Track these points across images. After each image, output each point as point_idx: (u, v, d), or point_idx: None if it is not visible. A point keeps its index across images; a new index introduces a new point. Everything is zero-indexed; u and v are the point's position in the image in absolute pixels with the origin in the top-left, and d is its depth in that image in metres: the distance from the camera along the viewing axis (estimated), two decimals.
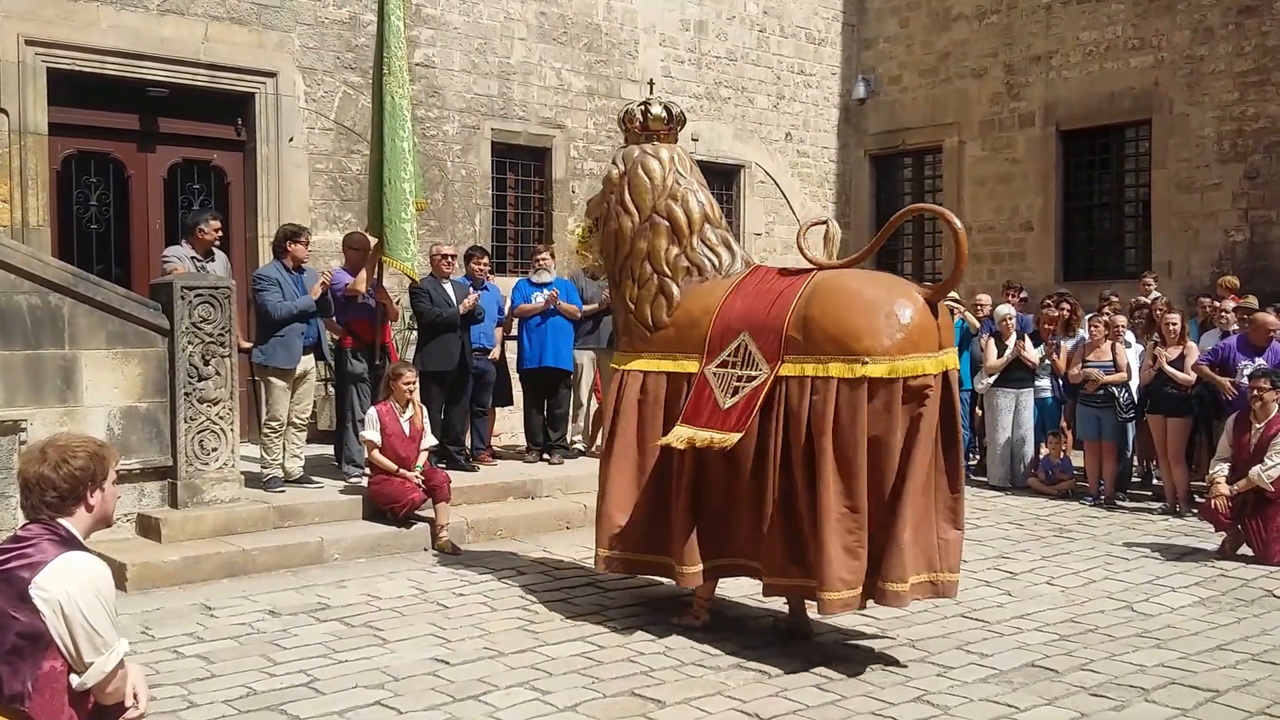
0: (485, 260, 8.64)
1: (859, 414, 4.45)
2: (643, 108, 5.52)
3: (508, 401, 9.14)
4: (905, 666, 4.65)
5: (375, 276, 7.61)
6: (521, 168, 11.71)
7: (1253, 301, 9.09)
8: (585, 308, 8.75)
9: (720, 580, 5.25)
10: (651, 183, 5.31)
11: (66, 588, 2.57)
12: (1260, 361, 7.86)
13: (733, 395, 4.78)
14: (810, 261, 5.07)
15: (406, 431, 6.93)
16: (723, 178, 13.43)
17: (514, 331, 8.87)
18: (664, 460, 5.01)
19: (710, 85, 13.03)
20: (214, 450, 6.63)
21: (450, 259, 8.21)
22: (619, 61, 12.21)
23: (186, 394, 6.55)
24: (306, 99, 9.92)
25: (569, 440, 9.00)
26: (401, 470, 6.82)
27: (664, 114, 5.46)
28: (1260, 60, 11.21)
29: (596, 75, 12.03)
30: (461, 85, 10.99)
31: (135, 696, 2.75)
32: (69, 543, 2.67)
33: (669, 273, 5.23)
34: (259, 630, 5.12)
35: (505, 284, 9.42)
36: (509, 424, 10.06)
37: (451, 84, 10.92)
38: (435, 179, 10.78)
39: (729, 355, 4.87)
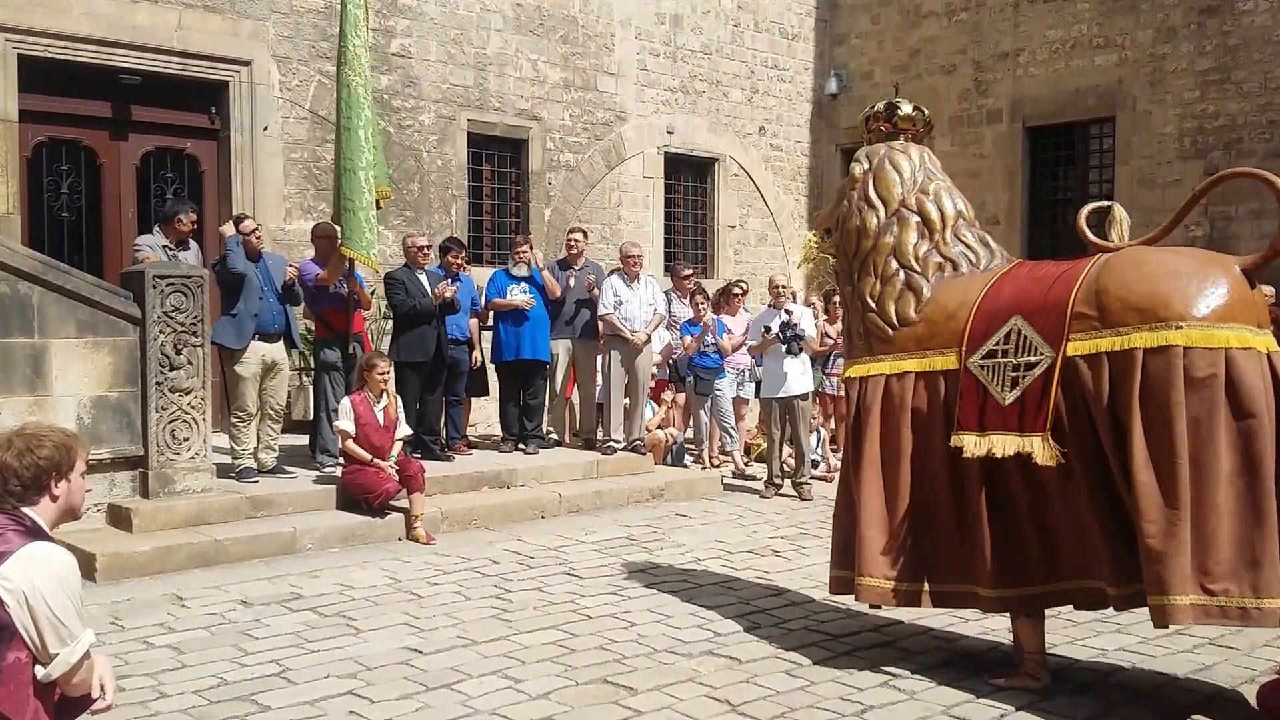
0: (462, 253, 8.63)
1: (1173, 390, 3.77)
2: (889, 107, 5.08)
3: (483, 392, 9.17)
4: (872, 651, 4.73)
5: (347, 265, 7.60)
6: (498, 159, 11.70)
7: None
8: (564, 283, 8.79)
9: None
10: (900, 177, 4.81)
11: (31, 578, 2.55)
12: None
13: (1013, 388, 4.14)
14: (1094, 246, 4.40)
15: (381, 421, 6.94)
16: (697, 170, 13.49)
17: (489, 322, 8.89)
18: (931, 472, 4.40)
19: (685, 79, 13.07)
20: (186, 440, 6.61)
21: (425, 250, 8.20)
22: (595, 54, 12.22)
23: (158, 383, 6.53)
24: (281, 88, 9.86)
25: (544, 430, 9.04)
26: (376, 460, 6.83)
27: (914, 114, 5.05)
28: (1221, 59, 11.41)
29: (573, 67, 12.04)
30: (437, 75, 10.97)
31: (102, 687, 2.74)
32: (34, 533, 2.65)
33: (918, 268, 4.65)
34: (230, 620, 5.12)
35: (481, 275, 9.43)
36: (484, 414, 10.09)
37: (427, 74, 10.89)
38: (411, 169, 10.76)
39: (997, 343, 4.23)
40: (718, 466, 9.60)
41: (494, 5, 11.33)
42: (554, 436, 9.28)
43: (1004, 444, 4.12)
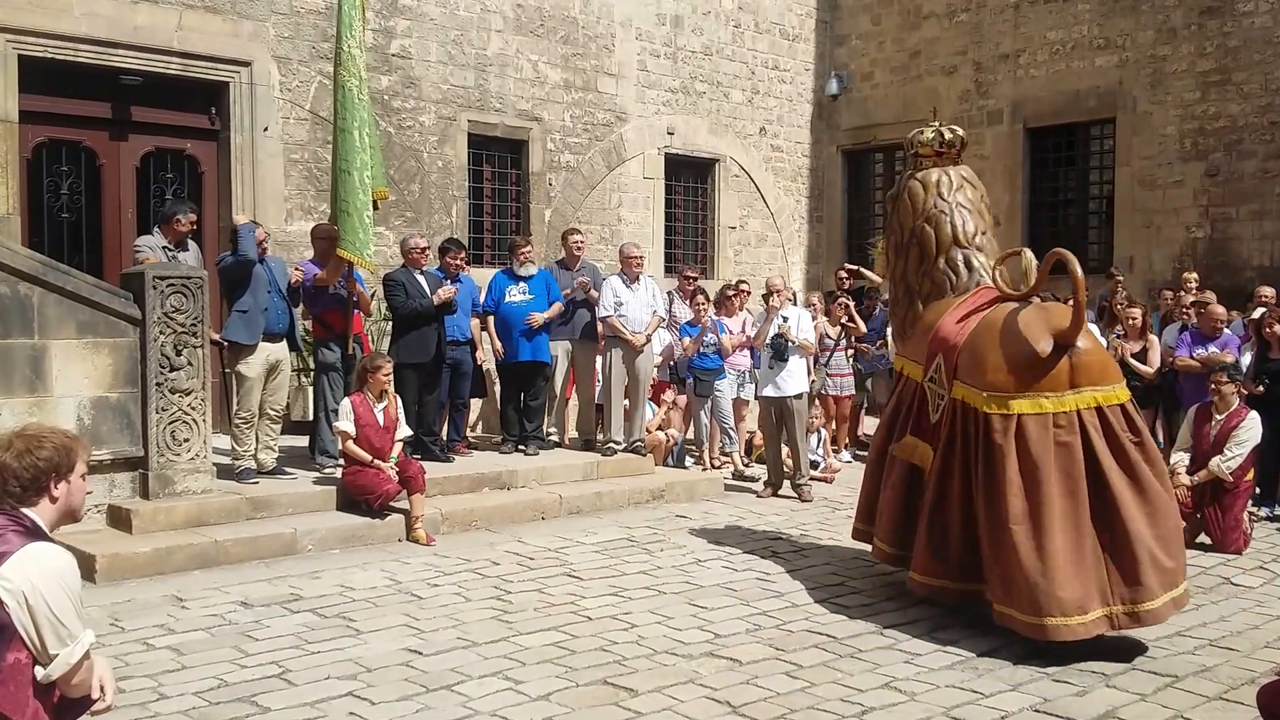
0: (462, 255, 8.61)
1: (980, 442, 4.88)
2: (911, 139, 5.76)
3: (483, 393, 9.15)
4: (873, 653, 4.74)
5: (346, 267, 7.59)
6: (498, 160, 11.69)
7: (1209, 295, 9.30)
8: (564, 293, 8.77)
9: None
10: (913, 206, 5.61)
11: (31, 578, 2.54)
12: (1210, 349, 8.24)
13: (936, 411, 5.21)
14: (1000, 290, 5.33)
15: (381, 422, 6.93)
16: (697, 171, 13.49)
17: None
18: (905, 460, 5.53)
19: (686, 79, 13.07)
20: (186, 441, 6.61)
21: (424, 251, 8.19)
22: (595, 55, 12.22)
23: (158, 384, 6.52)
24: (281, 89, 9.86)
25: (544, 432, 9.03)
26: (376, 461, 6.82)
27: (933, 139, 5.62)
28: (1221, 60, 11.41)
29: (573, 68, 12.03)
30: (438, 76, 10.96)
31: (102, 688, 2.74)
32: (34, 533, 2.65)
33: (916, 289, 5.64)
34: (231, 621, 5.12)
35: (482, 276, 9.42)
36: (484, 415, 10.09)
37: (428, 75, 10.89)
38: (412, 170, 10.76)
39: (934, 372, 5.25)
40: (718, 468, 9.60)
41: (494, 6, 11.33)
42: (554, 438, 9.27)
43: (918, 455, 5.32)
